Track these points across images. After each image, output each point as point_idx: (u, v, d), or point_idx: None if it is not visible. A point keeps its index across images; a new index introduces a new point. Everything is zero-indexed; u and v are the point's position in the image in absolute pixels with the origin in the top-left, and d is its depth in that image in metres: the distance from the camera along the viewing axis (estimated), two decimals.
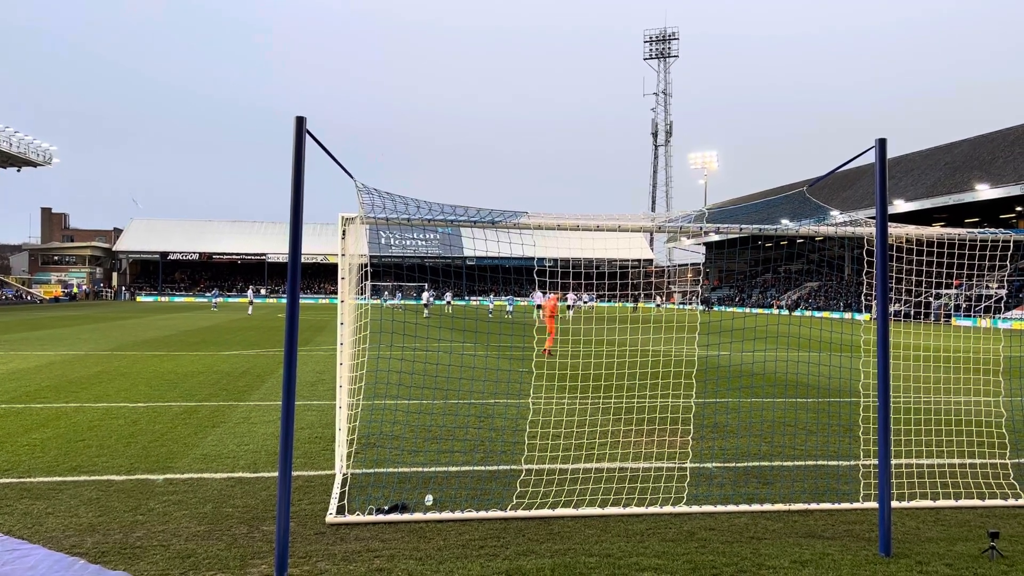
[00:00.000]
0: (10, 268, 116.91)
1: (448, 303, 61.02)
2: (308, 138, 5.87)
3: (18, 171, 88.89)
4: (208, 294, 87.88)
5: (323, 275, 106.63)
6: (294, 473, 7.83)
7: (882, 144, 6.56)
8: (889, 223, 6.79)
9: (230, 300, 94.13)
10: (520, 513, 7.05)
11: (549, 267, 9.71)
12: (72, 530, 6.48)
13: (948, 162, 65.84)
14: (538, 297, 49.78)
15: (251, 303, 59.92)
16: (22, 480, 8.07)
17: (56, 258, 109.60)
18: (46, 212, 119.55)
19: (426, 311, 42.35)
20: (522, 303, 64.86)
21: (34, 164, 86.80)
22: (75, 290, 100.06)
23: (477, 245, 8.91)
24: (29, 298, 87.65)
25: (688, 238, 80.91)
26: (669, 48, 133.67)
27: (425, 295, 49.77)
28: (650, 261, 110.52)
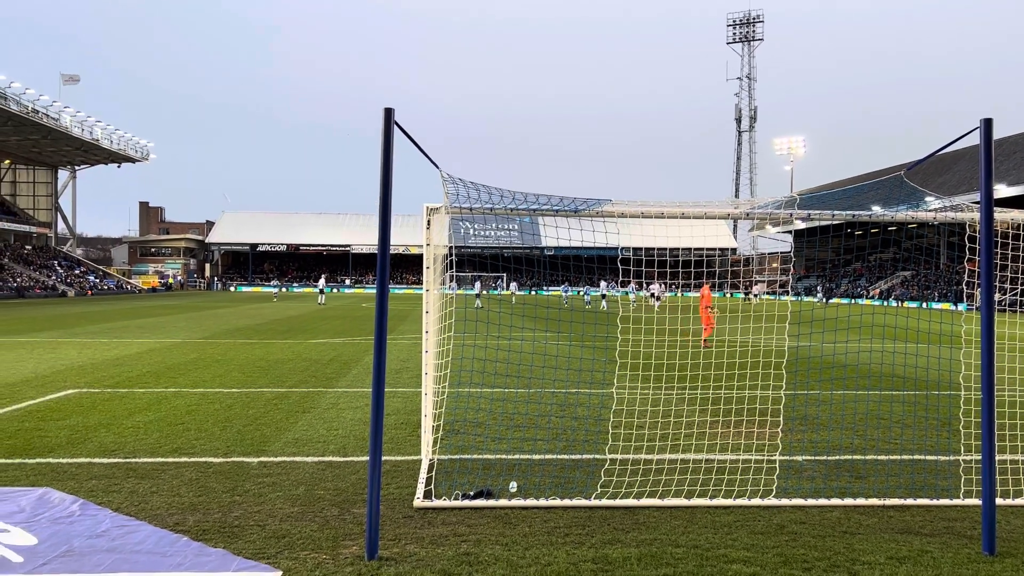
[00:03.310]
0: (111, 260, 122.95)
1: (512, 294, 59.92)
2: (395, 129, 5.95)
3: (118, 167, 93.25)
4: (270, 284, 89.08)
5: (404, 265, 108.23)
6: (382, 458, 8.01)
7: (987, 124, 6.24)
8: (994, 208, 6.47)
9: (297, 290, 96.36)
10: (605, 502, 7.03)
11: (633, 256, 9.61)
12: (175, 508, 6.78)
13: None
14: (604, 286, 49.41)
15: (322, 292, 56.15)
16: (128, 460, 8.49)
17: (153, 250, 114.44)
18: (143, 206, 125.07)
19: (477, 301, 42.36)
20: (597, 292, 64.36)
21: (133, 160, 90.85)
22: (170, 280, 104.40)
23: (559, 234, 8.83)
24: (129, 288, 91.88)
25: (774, 226, 78.84)
26: (754, 31, 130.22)
27: (477, 285, 49.64)
28: (734, 250, 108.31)
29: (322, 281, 59.63)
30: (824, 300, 66.62)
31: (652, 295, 41.39)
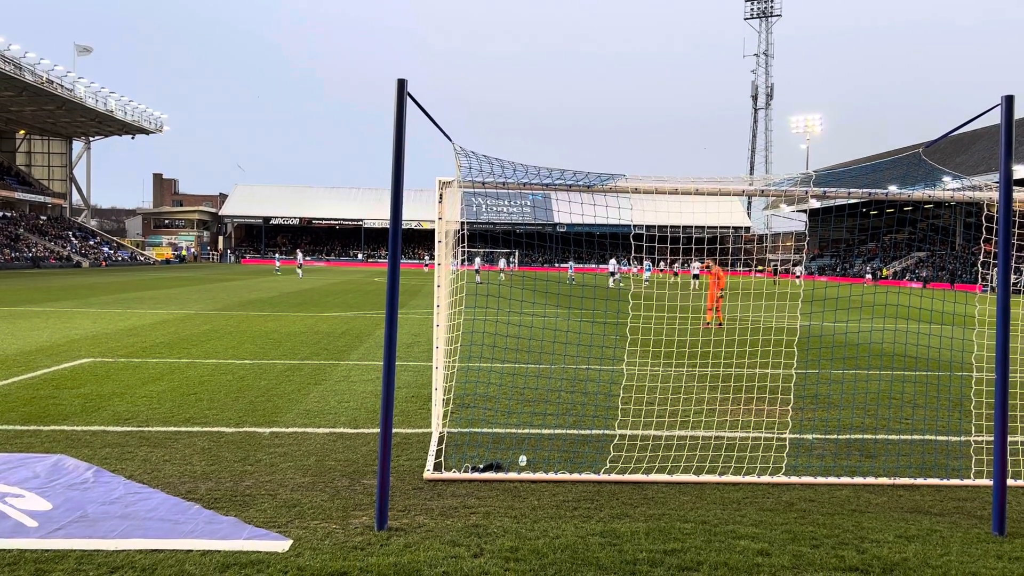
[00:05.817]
0: (125, 231, 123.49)
1: (502, 271, 59.23)
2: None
3: (132, 138, 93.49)
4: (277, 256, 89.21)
5: (415, 241, 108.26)
6: (393, 430, 8.05)
7: (1009, 102, 6.13)
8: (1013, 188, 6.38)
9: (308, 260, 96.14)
10: (614, 477, 7.05)
11: (646, 233, 9.56)
12: (187, 477, 6.84)
13: None
14: (612, 265, 49.40)
15: (300, 266, 57.32)
16: (141, 429, 8.57)
17: (167, 222, 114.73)
18: (157, 178, 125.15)
19: (477, 277, 42.69)
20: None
21: (147, 132, 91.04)
22: (183, 252, 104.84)
23: (572, 210, 8.72)
24: (143, 259, 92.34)
25: (789, 204, 78.23)
26: (771, 6, 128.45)
27: (477, 261, 50.12)
28: (747, 228, 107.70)
29: (299, 254, 61.59)
30: (874, 280, 66.25)
31: (694, 275, 41.73)
